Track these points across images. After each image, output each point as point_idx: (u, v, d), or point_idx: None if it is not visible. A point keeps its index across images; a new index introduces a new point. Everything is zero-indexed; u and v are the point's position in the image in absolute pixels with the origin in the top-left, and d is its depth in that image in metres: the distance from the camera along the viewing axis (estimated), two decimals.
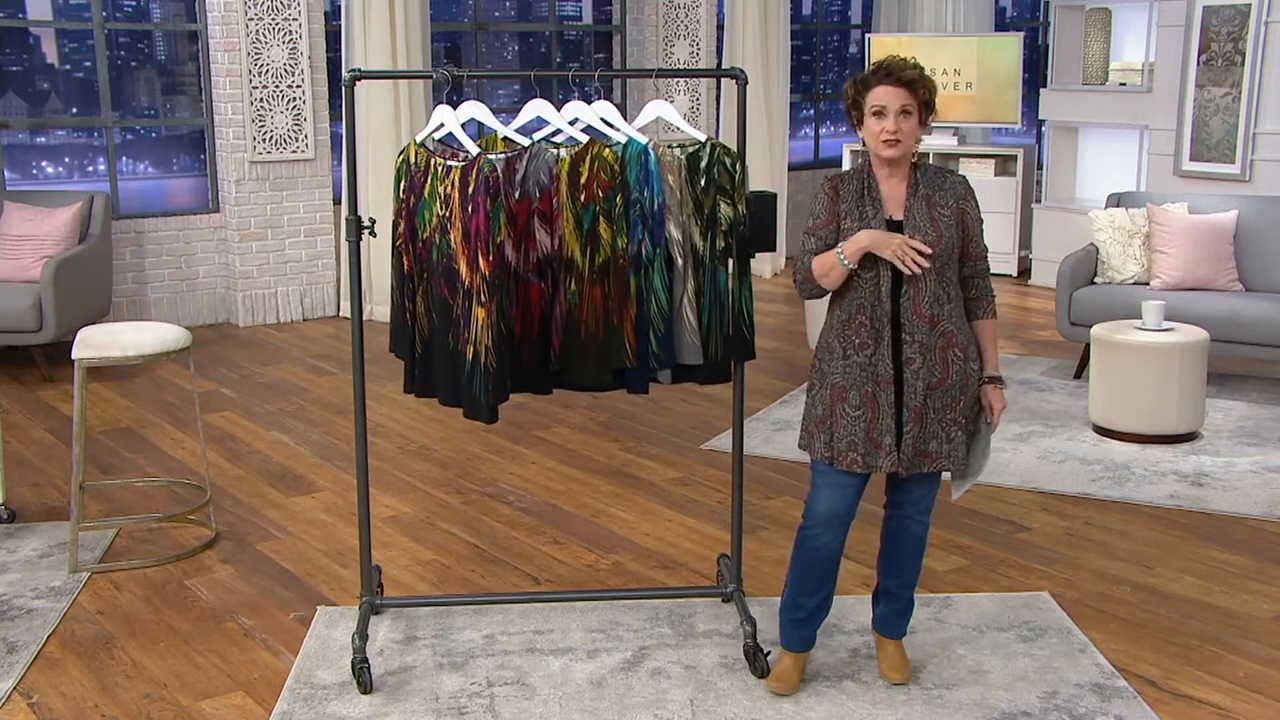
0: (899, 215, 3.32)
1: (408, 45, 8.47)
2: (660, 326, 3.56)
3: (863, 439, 3.34)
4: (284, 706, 3.50)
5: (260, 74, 8.31)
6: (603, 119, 3.66)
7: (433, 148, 3.66)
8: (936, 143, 10.21)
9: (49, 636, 3.94)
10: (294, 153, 8.50)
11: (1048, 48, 10.28)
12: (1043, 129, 10.31)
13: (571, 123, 3.68)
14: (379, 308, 8.36)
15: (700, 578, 4.38)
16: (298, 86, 8.44)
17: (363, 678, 3.57)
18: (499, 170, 3.46)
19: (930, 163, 3.43)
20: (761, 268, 10.10)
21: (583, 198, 3.51)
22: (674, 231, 3.54)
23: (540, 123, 3.70)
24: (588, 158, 3.51)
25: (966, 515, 4.91)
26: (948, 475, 3.50)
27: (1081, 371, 6.87)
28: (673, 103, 7.19)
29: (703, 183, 3.56)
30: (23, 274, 7.09)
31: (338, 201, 8.75)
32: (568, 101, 3.68)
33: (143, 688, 3.64)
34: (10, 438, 5.89)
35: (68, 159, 12.68)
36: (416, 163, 3.64)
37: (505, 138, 3.70)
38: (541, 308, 3.56)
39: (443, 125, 3.66)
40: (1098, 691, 3.56)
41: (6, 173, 8.10)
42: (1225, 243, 6.82)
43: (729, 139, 7.92)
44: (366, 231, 3.66)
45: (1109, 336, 5.90)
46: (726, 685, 3.60)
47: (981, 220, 3.41)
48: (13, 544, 4.68)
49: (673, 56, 10.31)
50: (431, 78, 3.74)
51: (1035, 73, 11.73)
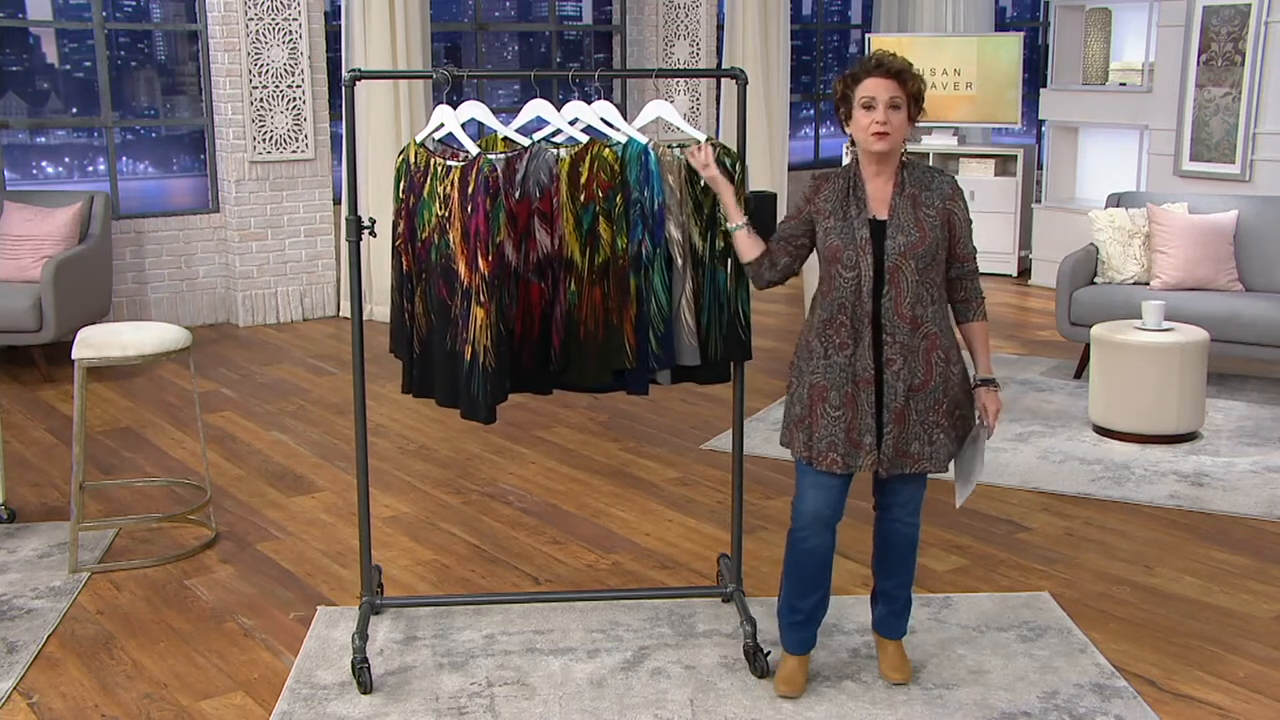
0: (883, 214, 3.29)
1: (408, 45, 8.47)
2: (660, 327, 3.56)
3: (843, 439, 3.32)
4: (284, 706, 3.50)
5: (260, 74, 8.31)
6: (603, 119, 3.66)
7: (433, 148, 3.65)
8: (936, 142, 10.22)
9: (49, 636, 3.94)
10: (294, 153, 8.50)
11: (1048, 48, 10.28)
12: (1043, 129, 10.30)
13: (571, 123, 3.68)
14: (379, 308, 8.36)
15: (700, 578, 4.38)
16: (298, 86, 8.44)
17: (363, 678, 3.57)
18: (499, 170, 3.46)
19: (919, 162, 3.39)
20: None
21: (583, 198, 3.51)
22: (674, 231, 3.54)
23: (540, 123, 3.70)
24: (588, 158, 3.51)
25: (966, 515, 4.91)
26: (949, 475, 3.50)
27: (1081, 371, 6.87)
28: (673, 103, 7.18)
29: (702, 183, 3.56)
30: (23, 274, 7.09)
31: (338, 201, 8.75)
32: (568, 101, 3.68)
33: (143, 688, 3.64)
34: (10, 438, 5.89)
35: (68, 159, 12.68)
36: (416, 163, 3.63)
37: (505, 138, 3.70)
38: (541, 308, 3.56)
39: (443, 125, 3.65)
40: (1098, 691, 3.56)
41: (6, 173, 8.10)
42: (1225, 243, 6.81)
43: (729, 139, 7.92)
44: (366, 231, 3.65)
45: (1109, 336, 5.90)
46: (726, 685, 3.60)
47: (970, 221, 3.37)
48: (13, 544, 4.68)
49: (673, 56, 10.31)
50: (431, 78, 3.74)
51: (1035, 73, 11.73)
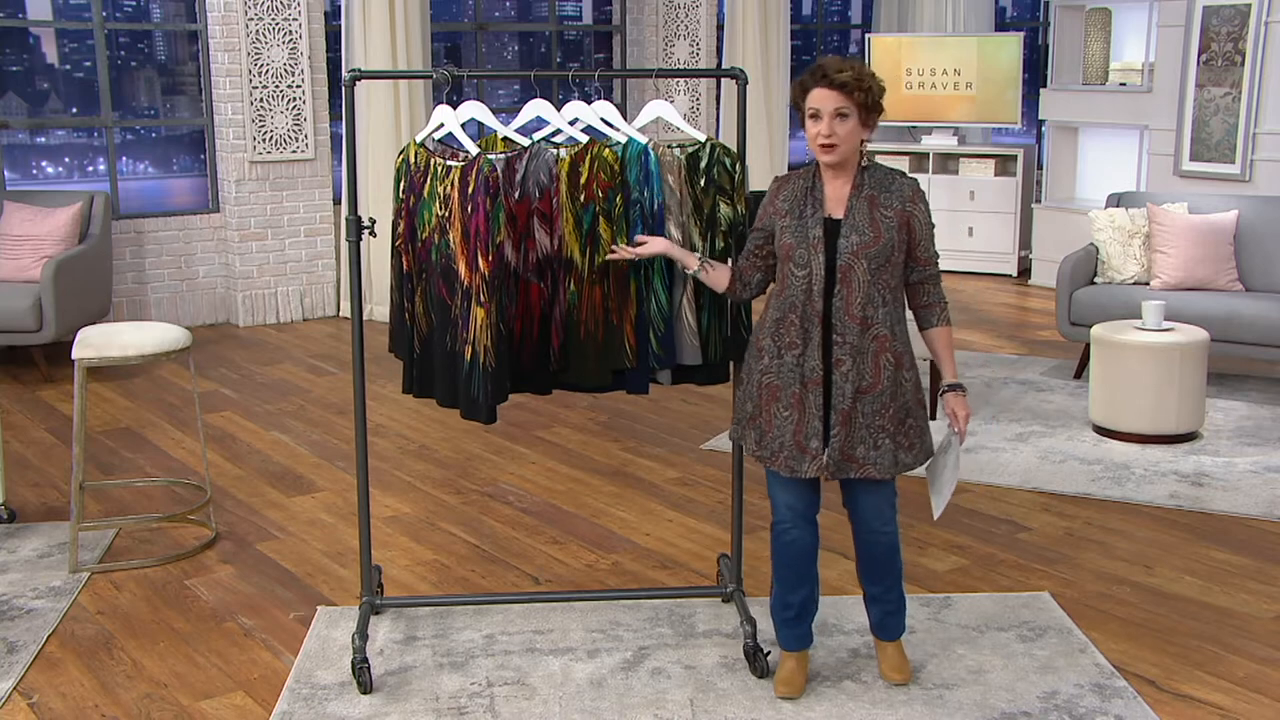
0: (839, 214, 3.28)
1: (408, 45, 8.47)
2: (660, 327, 3.56)
3: (790, 443, 3.32)
4: (284, 706, 3.50)
5: (260, 74, 8.31)
6: (603, 119, 3.66)
7: (432, 148, 3.65)
8: (936, 142, 10.22)
9: (49, 636, 3.94)
10: (294, 153, 8.50)
11: (1048, 48, 10.28)
12: (1043, 129, 10.30)
13: (571, 123, 3.68)
14: (379, 308, 8.36)
15: (700, 578, 4.38)
16: (298, 86, 8.43)
17: (363, 678, 3.57)
18: (499, 170, 3.46)
19: (882, 165, 3.35)
20: None
21: (582, 198, 3.51)
22: (674, 231, 3.54)
23: (540, 123, 3.70)
24: (587, 158, 3.51)
25: (966, 515, 4.91)
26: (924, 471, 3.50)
27: (1081, 371, 6.87)
28: (673, 103, 7.19)
29: (702, 183, 3.56)
30: (23, 274, 7.09)
31: (338, 201, 8.75)
32: (568, 101, 3.68)
33: (143, 688, 3.64)
34: (10, 438, 5.89)
35: (68, 159, 12.68)
36: (416, 163, 3.63)
37: (505, 138, 3.70)
38: (541, 308, 3.56)
39: (442, 125, 3.65)
40: (1098, 691, 3.56)
41: (6, 173, 8.10)
42: (1225, 243, 6.81)
43: (729, 139, 7.92)
44: (366, 231, 3.65)
45: (1109, 336, 5.90)
46: (726, 685, 3.60)
47: (932, 225, 3.35)
48: (13, 544, 4.68)
49: (673, 56, 10.31)
50: (431, 78, 3.74)
51: (1035, 73, 11.72)
